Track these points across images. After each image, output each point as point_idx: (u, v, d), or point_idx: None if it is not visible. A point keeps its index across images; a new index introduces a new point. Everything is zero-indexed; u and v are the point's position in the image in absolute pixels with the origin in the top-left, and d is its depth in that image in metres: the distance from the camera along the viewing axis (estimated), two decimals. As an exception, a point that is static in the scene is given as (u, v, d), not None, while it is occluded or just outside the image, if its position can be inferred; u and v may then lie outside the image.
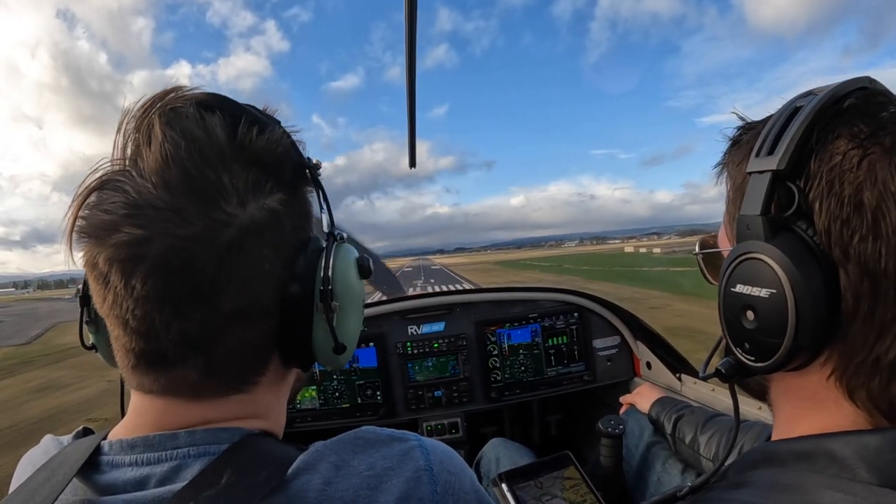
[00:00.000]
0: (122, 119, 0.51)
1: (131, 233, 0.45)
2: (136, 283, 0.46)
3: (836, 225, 0.45)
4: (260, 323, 0.52)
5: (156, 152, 0.48)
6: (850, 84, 0.50)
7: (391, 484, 0.50)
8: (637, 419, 1.53)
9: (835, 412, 0.49)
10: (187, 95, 0.52)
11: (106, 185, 0.49)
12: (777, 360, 0.48)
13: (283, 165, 0.54)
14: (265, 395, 0.57)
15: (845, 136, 0.47)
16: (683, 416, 1.35)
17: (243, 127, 0.51)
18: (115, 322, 0.49)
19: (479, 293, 2.28)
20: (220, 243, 0.47)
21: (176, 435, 0.50)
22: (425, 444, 0.56)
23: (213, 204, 0.48)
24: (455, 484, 0.55)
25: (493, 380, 2.12)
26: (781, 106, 0.54)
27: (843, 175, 0.45)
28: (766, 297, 0.48)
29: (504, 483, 1.19)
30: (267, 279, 0.51)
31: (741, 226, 0.51)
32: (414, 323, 2.14)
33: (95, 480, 0.50)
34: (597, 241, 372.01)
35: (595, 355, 2.16)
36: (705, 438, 1.24)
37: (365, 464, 0.51)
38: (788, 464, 0.49)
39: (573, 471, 1.24)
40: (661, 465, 1.36)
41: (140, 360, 0.50)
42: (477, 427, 2.28)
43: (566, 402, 2.40)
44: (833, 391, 0.49)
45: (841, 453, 0.45)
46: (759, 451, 0.55)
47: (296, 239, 0.55)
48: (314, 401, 2.06)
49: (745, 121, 0.59)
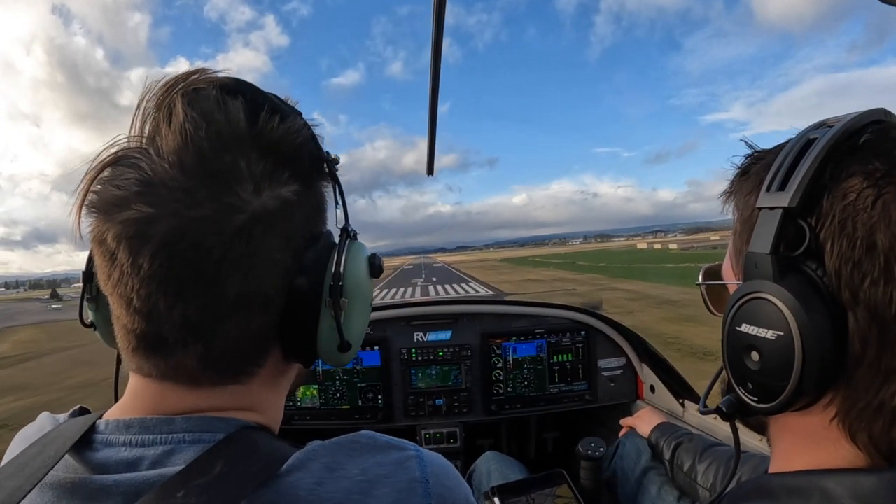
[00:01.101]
0: (142, 96, 0.50)
1: (141, 210, 0.45)
2: (143, 261, 0.45)
3: (846, 267, 0.44)
4: (263, 313, 0.51)
5: (175, 132, 0.47)
6: (865, 117, 0.49)
7: (383, 491, 0.50)
8: (635, 443, 1.51)
9: (833, 451, 0.49)
10: (211, 78, 0.51)
11: (121, 161, 0.48)
12: (780, 402, 0.47)
13: (300, 156, 0.53)
14: (262, 388, 0.56)
15: (860, 174, 0.45)
16: (683, 443, 1.33)
17: (265, 114, 0.51)
18: (118, 301, 0.49)
19: (486, 304, 2.28)
20: (229, 228, 0.47)
21: (172, 420, 0.50)
22: (423, 456, 0.55)
23: (226, 188, 0.47)
24: (449, 498, 0.54)
25: (494, 392, 2.11)
26: (794, 137, 0.52)
27: (856, 215, 0.44)
28: (772, 339, 0.47)
29: (496, 497, 1.19)
30: (275, 269, 0.51)
31: (749, 263, 0.50)
32: (420, 330, 2.14)
33: (88, 458, 0.49)
34: (601, 239, 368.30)
35: (599, 375, 2.15)
36: (703, 467, 1.23)
37: (359, 468, 0.51)
38: (782, 499, 0.48)
39: (566, 489, 1.24)
40: (656, 491, 1.34)
41: (140, 343, 0.50)
42: (474, 438, 2.27)
43: (565, 421, 2.38)
44: (834, 432, 0.48)
45: (835, 492, 0.44)
46: (753, 483, 0.54)
47: (308, 231, 0.54)
48: (314, 400, 2.07)
49: (755, 149, 0.58)
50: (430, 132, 1.52)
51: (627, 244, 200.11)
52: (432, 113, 1.41)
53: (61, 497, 0.47)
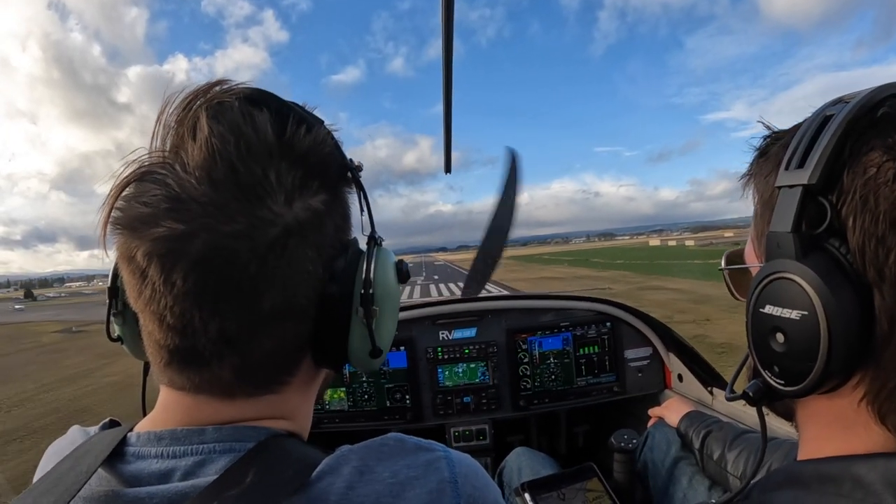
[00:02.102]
0: (161, 109, 0.50)
1: (172, 227, 0.45)
2: (177, 279, 0.45)
3: (870, 243, 0.43)
4: (297, 324, 0.52)
5: (201, 146, 0.47)
6: (882, 91, 0.48)
7: (414, 493, 0.50)
8: (665, 433, 1.50)
9: (863, 435, 0.48)
10: (234, 90, 0.51)
11: (145, 177, 0.48)
12: (808, 384, 0.46)
13: (328, 166, 0.54)
14: (294, 396, 0.57)
15: (879, 148, 0.44)
16: (712, 431, 1.32)
17: (292, 125, 0.51)
18: (150, 318, 0.49)
19: (510, 300, 2.27)
20: (263, 242, 0.47)
21: (203, 430, 0.51)
22: (451, 457, 0.56)
23: (258, 201, 0.47)
24: (479, 499, 0.54)
25: (522, 388, 2.11)
26: (811, 115, 0.51)
27: (878, 189, 0.43)
28: (797, 320, 0.46)
29: (526, 493, 1.19)
30: (308, 280, 0.51)
31: (771, 243, 0.49)
32: (445, 328, 2.15)
33: (120, 471, 0.50)
34: (605, 238, 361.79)
35: (626, 366, 2.13)
36: (733, 455, 1.21)
37: (389, 471, 0.51)
38: (813, 486, 0.48)
39: (597, 483, 1.24)
40: (687, 481, 1.33)
41: (174, 358, 0.50)
42: (504, 435, 2.27)
43: (594, 413, 2.37)
44: (863, 415, 0.47)
45: (867, 478, 0.44)
46: (783, 472, 0.53)
47: (337, 240, 0.55)
48: (343, 402, 2.09)
49: (772, 130, 0.57)
50: (446, 130, 1.50)
51: (635, 242, 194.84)
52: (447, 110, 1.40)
53: None
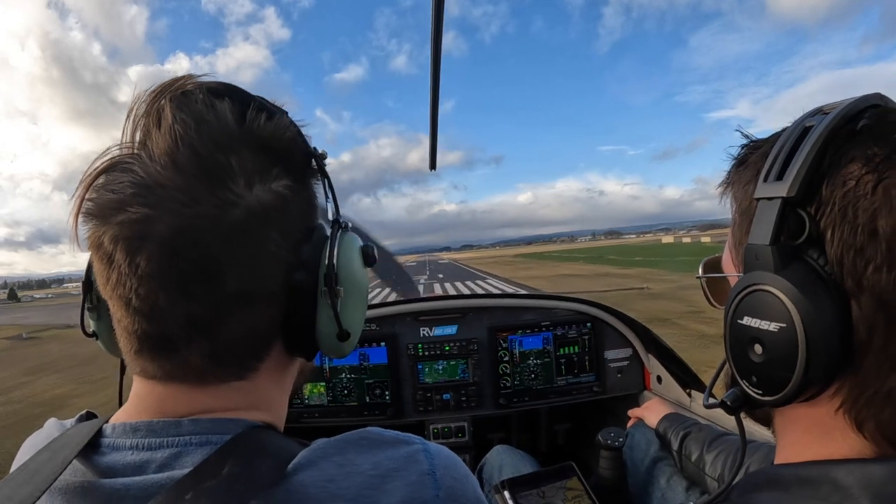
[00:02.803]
0: (132, 105, 0.51)
1: (138, 211, 0.46)
2: (141, 260, 0.46)
3: (849, 254, 0.44)
4: (266, 307, 0.52)
5: (165, 134, 0.48)
6: (861, 102, 0.49)
7: (394, 485, 0.50)
8: (644, 433, 1.51)
9: (840, 442, 0.48)
10: (197, 82, 0.53)
11: (114, 168, 0.49)
12: (786, 394, 0.47)
13: (290, 152, 0.55)
14: (266, 384, 0.57)
15: (859, 160, 0.45)
16: (691, 433, 1.33)
17: (252, 112, 0.52)
18: (117, 303, 0.49)
19: (492, 298, 2.28)
20: (226, 223, 0.48)
21: (179, 422, 0.51)
22: (430, 449, 0.56)
23: (221, 185, 0.48)
24: (458, 490, 0.55)
25: (502, 386, 2.12)
26: (790, 124, 0.52)
27: (856, 201, 0.44)
28: (775, 332, 0.47)
29: (506, 490, 1.19)
30: (273, 262, 0.52)
31: (749, 255, 0.50)
32: (426, 325, 2.15)
33: (96, 462, 0.50)
34: (612, 236, 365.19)
35: (606, 366, 2.15)
36: (711, 457, 1.23)
37: (369, 463, 0.51)
38: (792, 489, 0.48)
39: (576, 482, 1.24)
40: (665, 482, 1.34)
41: (144, 345, 0.50)
42: (484, 432, 2.28)
43: (575, 412, 2.39)
44: (841, 422, 0.48)
45: (845, 481, 0.44)
46: (762, 474, 0.54)
47: (302, 225, 0.56)
48: (322, 397, 2.08)
49: (751, 139, 0.57)
50: (432, 126, 1.51)
51: (646, 240, 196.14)
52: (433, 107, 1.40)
53: (71, 502, 0.48)
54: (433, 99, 1.39)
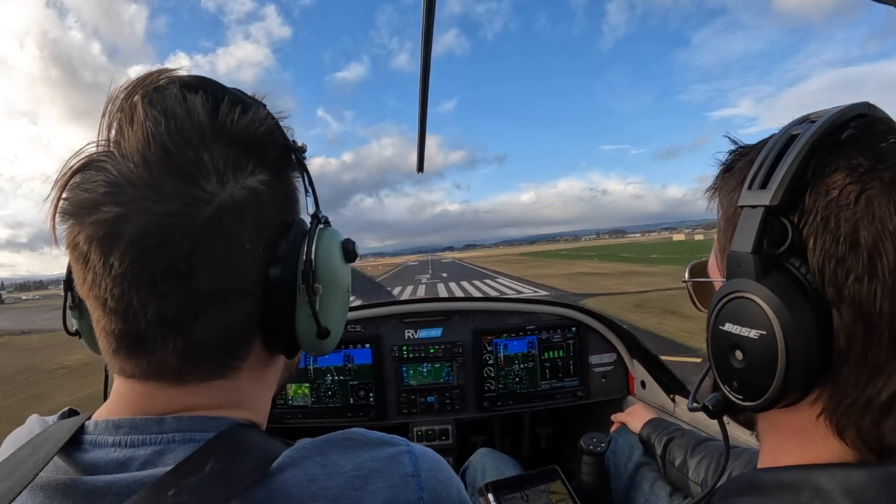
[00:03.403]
0: (107, 102, 0.51)
1: (110, 210, 0.45)
2: (114, 260, 0.46)
3: (830, 264, 0.44)
4: (240, 305, 0.52)
5: (137, 131, 0.48)
6: (848, 111, 0.49)
7: (377, 486, 0.50)
8: (627, 438, 1.52)
9: (821, 448, 0.49)
10: (171, 76, 0.52)
11: (89, 166, 0.49)
12: (765, 400, 0.48)
13: (265, 146, 0.54)
14: (247, 382, 0.56)
15: (843, 170, 0.45)
16: (674, 438, 1.34)
17: (225, 106, 0.51)
18: (94, 303, 0.49)
19: (478, 301, 2.28)
20: (197, 221, 0.47)
21: (162, 420, 0.50)
22: (414, 450, 0.56)
23: (192, 181, 0.47)
24: (442, 492, 0.55)
25: (486, 389, 2.12)
26: (777, 132, 0.52)
27: (839, 211, 0.44)
28: (755, 339, 0.47)
29: (490, 493, 1.19)
30: (247, 259, 0.51)
31: (731, 262, 0.50)
32: (411, 327, 2.14)
33: (78, 459, 0.49)
34: (617, 235, 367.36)
35: (590, 371, 2.16)
36: (694, 462, 1.24)
37: (352, 464, 0.51)
38: (773, 494, 0.49)
39: (560, 485, 1.24)
40: (648, 487, 1.35)
41: (121, 344, 0.50)
42: (467, 435, 2.27)
43: (558, 417, 2.39)
44: (822, 428, 0.48)
45: (826, 486, 0.45)
46: (744, 479, 0.54)
47: (279, 221, 0.55)
48: (306, 398, 2.06)
49: (739, 144, 0.58)
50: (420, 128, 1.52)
51: (659, 238, 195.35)
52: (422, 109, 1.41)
53: (52, 498, 0.47)
54: (422, 101, 1.39)
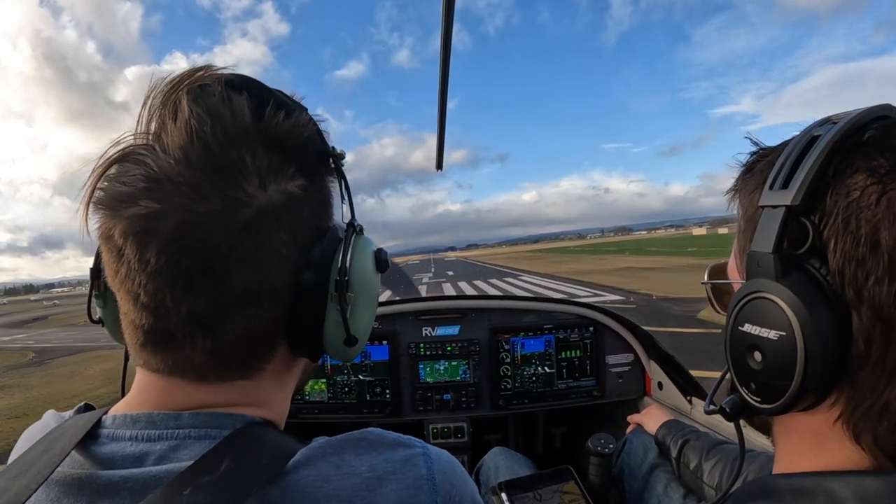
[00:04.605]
0: (148, 94, 0.51)
1: (148, 206, 0.45)
2: (150, 257, 0.46)
3: (850, 265, 0.44)
4: (270, 307, 0.52)
5: (181, 128, 0.48)
6: (870, 113, 0.48)
7: (390, 489, 0.50)
8: (643, 440, 1.51)
9: (837, 453, 0.48)
10: (216, 74, 0.52)
11: (127, 158, 0.49)
12: (783, 403, 0.47)
13: (306, 151, 0.54)
14: (269, 384, 0.57)
15: (864, 171, 0.45)
16: (689, 441, 1.33)
17: (270, 109, 0.51)
18: (125, 296, 0.49)
19: (495, 300, 2.28)
20: (235, 223, 0.47)
21: (179, 415, 0.51)
22: (430, 453, 0.56)
23: (232, 183, 0.47)
24: (456, 496, 0.55)
25: (502, 387, 2.12)
26: (798, 133, 0.52)
27: (860, 213, 0.44)
28: (774, 339, 0.47)
29: (503, 493, 1.19)
30: (281, 263, 0.51)
31: (751, 262, 0.50)
32: (428, 325, 2.15)
33: (94, 453, 0.50)
34: (623, 233, 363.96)
35: (607, 371, 2.15)
36: (709, 466, 1.23)
37: (366, 465, 0.51)
38: (786, 500, 0.48)
39: (573, 486, 1.24)
40: (662, 489, 1.34)
41: (149, 339, 0.50)
42: (482, 433, 2.28)
43: (573, 416, 2.38)
44: (838, 433, 0.48)
45: (840, 494, 0.44)
46: (757, 484, 0.54)
47: (314, 226, 0.55)
48: (323, 394, 2.08)
49: (759, 146, 0.57)
50: (440, 125, 1.51)
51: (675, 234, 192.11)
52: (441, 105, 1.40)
53: (68, 493, 0.47)
54: (441, 98, 1.38)
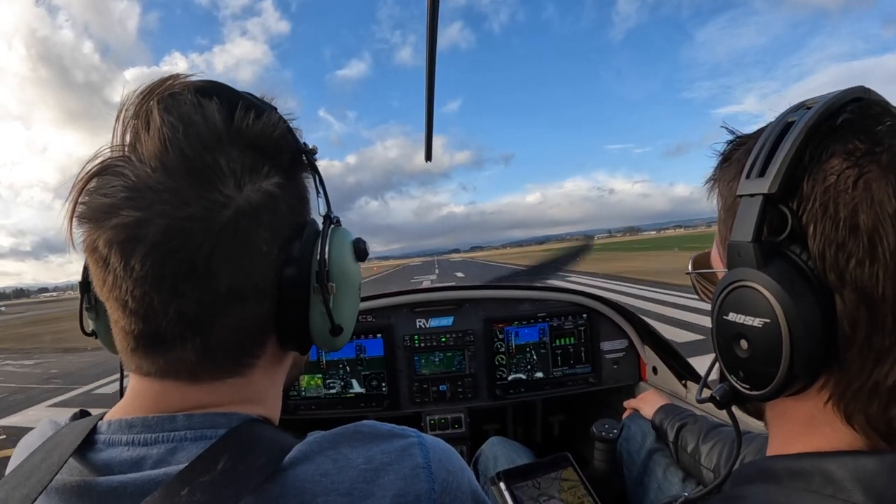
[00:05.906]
0: (120, 107, 0.52)
1: (130, 215, 0.47)
2: (136, 263, 0.47)
3: (830, 249, 0.44)
4: (257, 304, 0.53)
5: (154, 137, 0.49)
6: (844, 96, 0.49)
7: (388, 479, 0.51)
8: (640, 425, 1.52)
9: (830, 435, 0.49)
10: (185, 82, 0.53)
11: (106, 171, 0.50)
12: (772, 389, 0.48)
13: (279, 149, 0.55)
14: (261, 379, 0.57)
15: (840, 155, 0.45)
16: (686, 424, 1.34)
17: (240, 111, 0.53)
18: (114, 304, 0.50)
19: (488, 290, 2.28)
20: (216, 224, 0.48)
21: (174, 417, 0.51)
22: (425, 442, 0.57)
23: (210, 186, 0.49)
24: (453, 483, 0.55)
25: (498, 377, 2.12)
26: (773, 120, 0.52)
27: (837, 196, 0.44)
28: (759, 327, 0.47)
29: (502, 482, 1.19)
30: (263, 260, 0.52)
31: (732, 252, 0.50)
32: (422, 316, 2.15)
33: (92, 460, 0.50)
34: (631, 233, 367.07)
35: (602, 357, 2.15)
36: (707, 448, 1.24)
37: (363, 457, 0.52)
38: (783, 481, 0.49)
39: (571, 472, 1.24)
40: (661, 473, 1.35)
41: (139, 343, 0.51)
42: (480, 424, 2.28)
43: (570, 404, 2.39)
44: (830, 415, 0.48)
45: (837, 474, 0.45)
46: (755, 466, 0.54)
47: (293, 222, 0.56)
48: (319, 389, 2.08)
49: (736, 134, 0.57)
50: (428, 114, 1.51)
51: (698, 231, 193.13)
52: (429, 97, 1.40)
53: (68, 501, 0.48)
54: (428, 89, 1.38)
